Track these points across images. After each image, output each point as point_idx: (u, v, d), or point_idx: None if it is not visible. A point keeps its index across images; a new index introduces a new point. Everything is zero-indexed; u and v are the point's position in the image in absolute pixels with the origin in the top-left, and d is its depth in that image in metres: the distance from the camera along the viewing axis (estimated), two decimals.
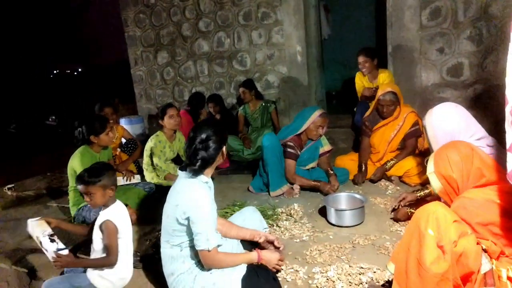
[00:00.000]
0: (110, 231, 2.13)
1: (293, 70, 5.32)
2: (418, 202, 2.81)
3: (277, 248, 2.39)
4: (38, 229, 2.17)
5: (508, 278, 1.58)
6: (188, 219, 1.97)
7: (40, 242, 2.14)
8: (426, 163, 1.95)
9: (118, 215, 2.20)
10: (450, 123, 2.46)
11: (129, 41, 6.40)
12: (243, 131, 5.04)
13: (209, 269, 2.06)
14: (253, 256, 2.15)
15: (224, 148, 2.13)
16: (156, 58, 6.22)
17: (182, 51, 6.01)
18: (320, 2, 5.99)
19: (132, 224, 2.34)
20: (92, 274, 2.17)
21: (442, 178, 1.83)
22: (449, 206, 1.78)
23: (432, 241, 1.59)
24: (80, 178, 2.20)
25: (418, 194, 2.89)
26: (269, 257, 2.19)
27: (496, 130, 2.56)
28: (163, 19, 6.01)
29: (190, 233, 2.01)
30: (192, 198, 1.98)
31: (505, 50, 4.17)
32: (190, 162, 2.06)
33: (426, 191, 2.90)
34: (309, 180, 3.55)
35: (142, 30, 6.23)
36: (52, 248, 2.09)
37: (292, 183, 3.59)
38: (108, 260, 2.13)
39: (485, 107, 4.29)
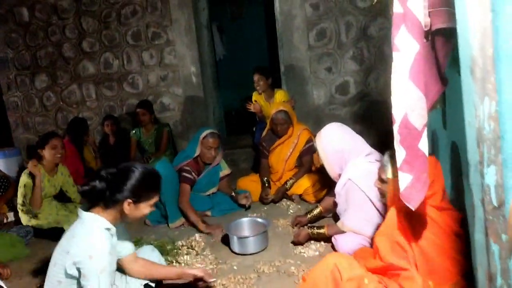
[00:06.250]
0: None
1: (189, 91, 5.15)
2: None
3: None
4: None
5: None
6: (79, 270, 1.67)
7: None
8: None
9: None
10: (338, 143, 2.61)
11: (0, 64, 5.62)
12: (135, 157, 4.65)
13: None
14: None
15: (143, 205, 1.87)
16: (34, 82, 5.54)
17: (65, 74, 5.44)
18: (213, 23, 5.95)
19: (4, 279, 1.92)
20: None
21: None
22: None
23: None
24: None
25: (309, 216, 2.90)
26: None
27: (381, 142, 2.69)
28: (39, 39, 5.39)
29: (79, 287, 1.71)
30: (87, 247, 1.68)
31: (384, 67, 4.61)
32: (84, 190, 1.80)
33: (317, 210, 2.90)
34: (198, 218, 3.19)
35: (15, 52, 5.52)
36: None
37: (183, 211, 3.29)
38: None
39: (371, 121, 4.59)
